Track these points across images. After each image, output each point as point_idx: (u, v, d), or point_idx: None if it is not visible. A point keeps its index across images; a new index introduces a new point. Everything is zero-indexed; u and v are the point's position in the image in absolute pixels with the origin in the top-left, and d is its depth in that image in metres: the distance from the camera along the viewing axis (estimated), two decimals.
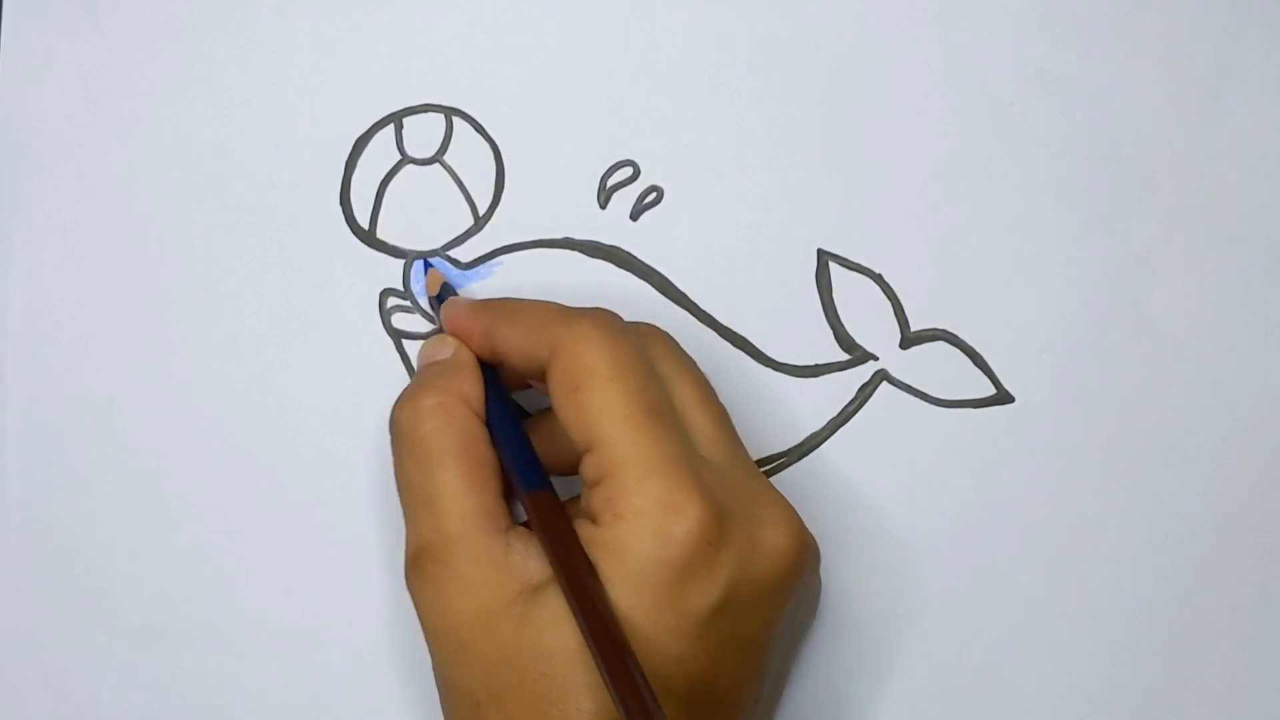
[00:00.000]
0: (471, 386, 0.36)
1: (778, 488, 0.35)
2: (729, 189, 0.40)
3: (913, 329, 0.40)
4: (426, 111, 0.41)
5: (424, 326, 0.40)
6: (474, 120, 0.40)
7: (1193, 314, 0.40)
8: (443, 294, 0.39)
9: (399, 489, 0.35)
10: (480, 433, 0.35)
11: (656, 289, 0.40)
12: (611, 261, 0.40)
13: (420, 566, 0.34)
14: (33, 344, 0.41)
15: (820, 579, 0.37)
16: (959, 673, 0.40)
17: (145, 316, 0.40)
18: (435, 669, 0.35)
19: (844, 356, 0.40)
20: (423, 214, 0.40)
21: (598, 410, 0.33)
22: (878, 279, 0.40)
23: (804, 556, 0.34)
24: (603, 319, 0.34)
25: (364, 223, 0.40)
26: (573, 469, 0.35)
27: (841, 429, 0.40)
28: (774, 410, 0.40)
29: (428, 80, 0.41)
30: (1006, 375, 0.40)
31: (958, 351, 0.40)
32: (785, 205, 0.40)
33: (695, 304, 0.40)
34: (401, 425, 0.35)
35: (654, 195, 0.40)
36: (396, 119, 0.40)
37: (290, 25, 0.41)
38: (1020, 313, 0.40)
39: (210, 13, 0.41)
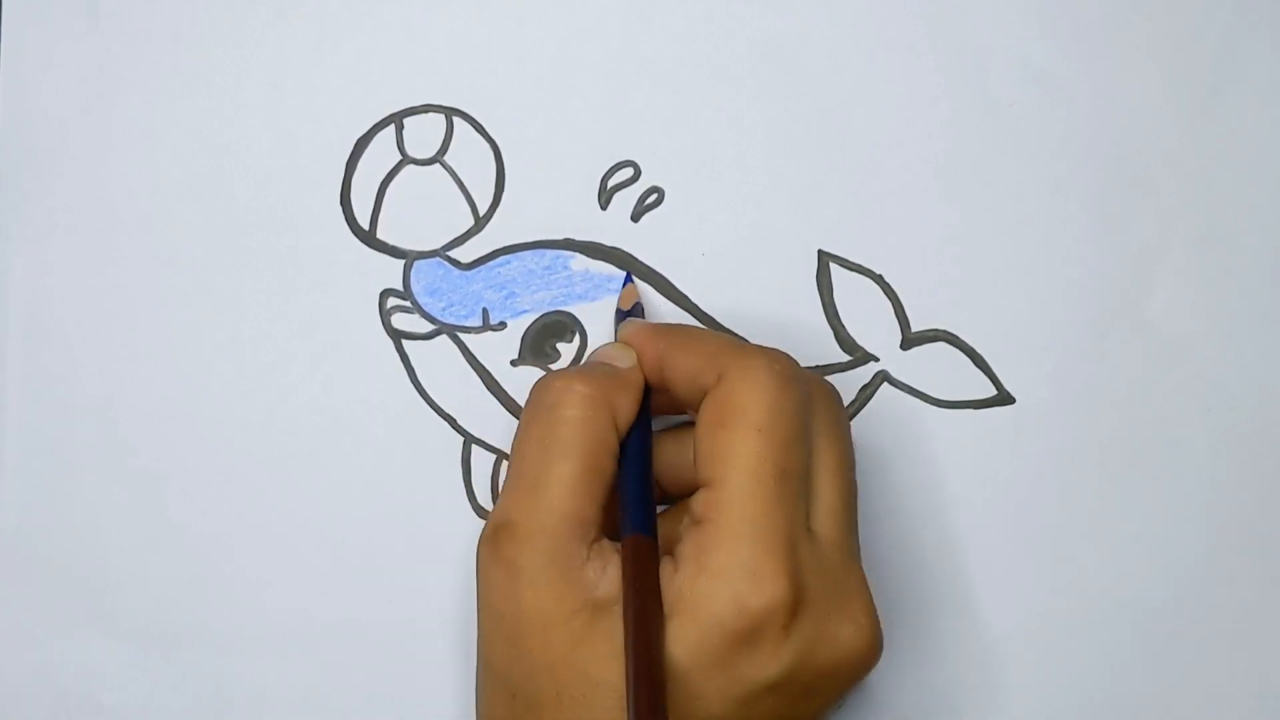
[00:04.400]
0: (628, 404, 0.35)
1: None
2: (730, 189, 0.40)
3: (913, 330, 0.40)
4: (427, 112, 0.40)
5: (424, 327, 0.40)
6: (474, 120, 0.40)
7: (1192, 314, 0.40)
8: (632, 311, 0.39)
9: (514, 452, 0.35)
10: (613, 444, 0.34)
11: (657, 290, 0.40)
12: (612, 262, 0.40)
13: (498, 542, 0.33)
14: (33, 344, 0.40)
15: None
16: (959, 672, 0.40)
17: (145, 316, 0.40)
18: (481, 642, 0.34)
19: (845, 357, 0.40)
20: (423, 214, 0.40)
21: (731, 454, 0.33)
22: (878, 280, 0.40)
23: (870, 660, 0.34)
24: (778, 362, 0.34)
25: (364, 223, 0.40)
26: (683, 493, 0.35)
27: None
28: None
29: (428, 80, 0.40)
30: (1007, 376, 0.40)
31: (958, 352, 0.40)
32: (786, 206, 0.40)
33: (696, 305, 0.40)
34: (549, 396, 0.35)
35: (655, 196, 0.40)
36: (397, 119, 0.40)
37: (291, 25, 0.41)
38: (1021, 313, 0.40)
39: (211, 13, 0.41)
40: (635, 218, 0.40)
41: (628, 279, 0.40)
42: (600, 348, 0.37)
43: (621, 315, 0.39)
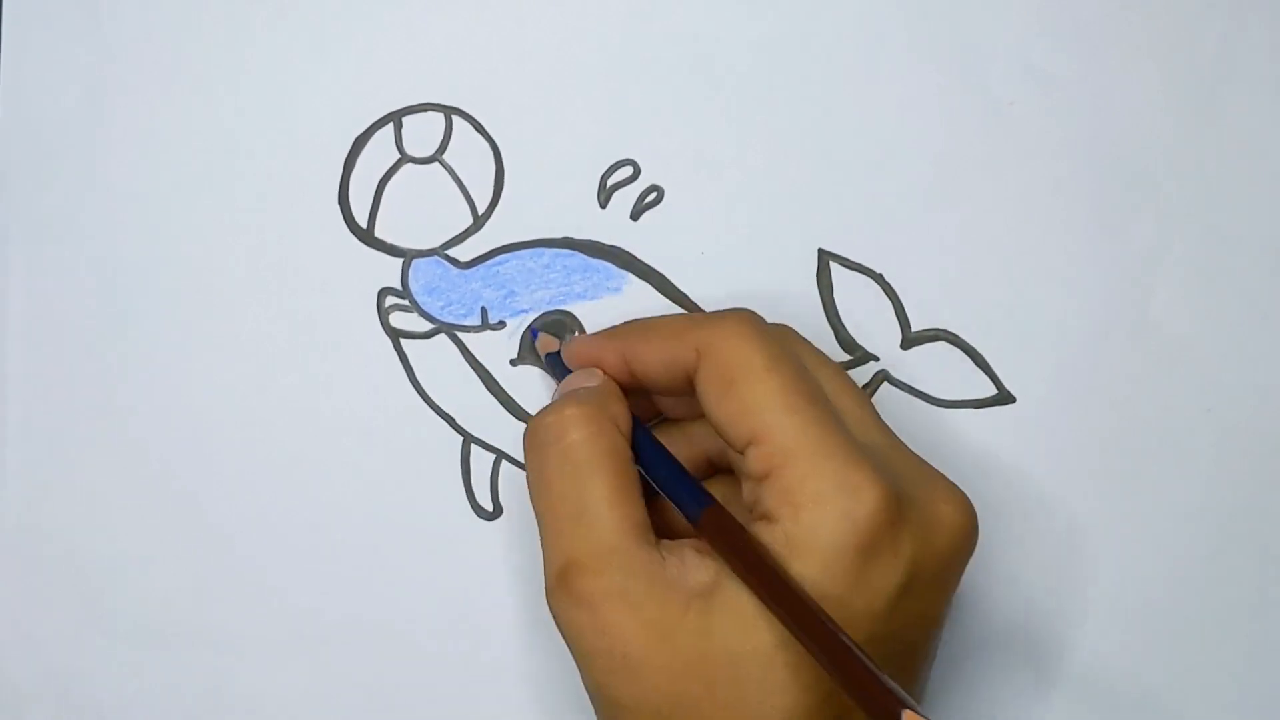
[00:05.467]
0: (621, 410, 0.35)
1: None
2: (729, 188, 0.40)
3: (914, 329, 0.40)
4: (426, 110, 0.41)
5: (422, 325, 0.40)
6: (473, 119, 0.40)
7: (1193, 314, 0.40)
8: (559, 352, 0.38)
9: (538, 499, 0.34)
10: (627, 451, 0.34)
11: (657, 289, 0.40)
12: (612, 261, 0.40)
13: (569, 584, 0.33)
14: (33, 344, 0.41)
15: None
16: (959, 673, 0.40)
17: (145, 316, 0.40)
18: (595, 690, 0.33)
19: (845, 357, 0.40)
20: (422, 213, 0.40)
21: (760, 401, 0.32)
22: (878, 279, 0.40)
23: (975, 531, 0.34)
24: (746, 316, 0.34)
25: (362, 221, 0.40)
26: (713, 472, 0.35)
27: None
28: None
29: (427, 79, 0.41)
30: (1008, 375, 0.40)
31: (959, 352, 0.40)
32: (786, 204, 0.40)
33: (696, 304, 0.40)
34: (547, 432, 0.34)
35: (654, 195, 0.40)
36: (396, 118, 0.40)
37: (290, 25, 0.41)
38: (1021, 313, 0.40)
39: (210, 13, 0.41)
40: (635, 216, 0.40)
41: (535, 334, 0.40)
42: (562, 384, 0.37)
43: (551, 359, 0.39)
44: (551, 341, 0.39)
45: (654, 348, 0.35)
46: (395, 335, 0.40)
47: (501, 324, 0.40)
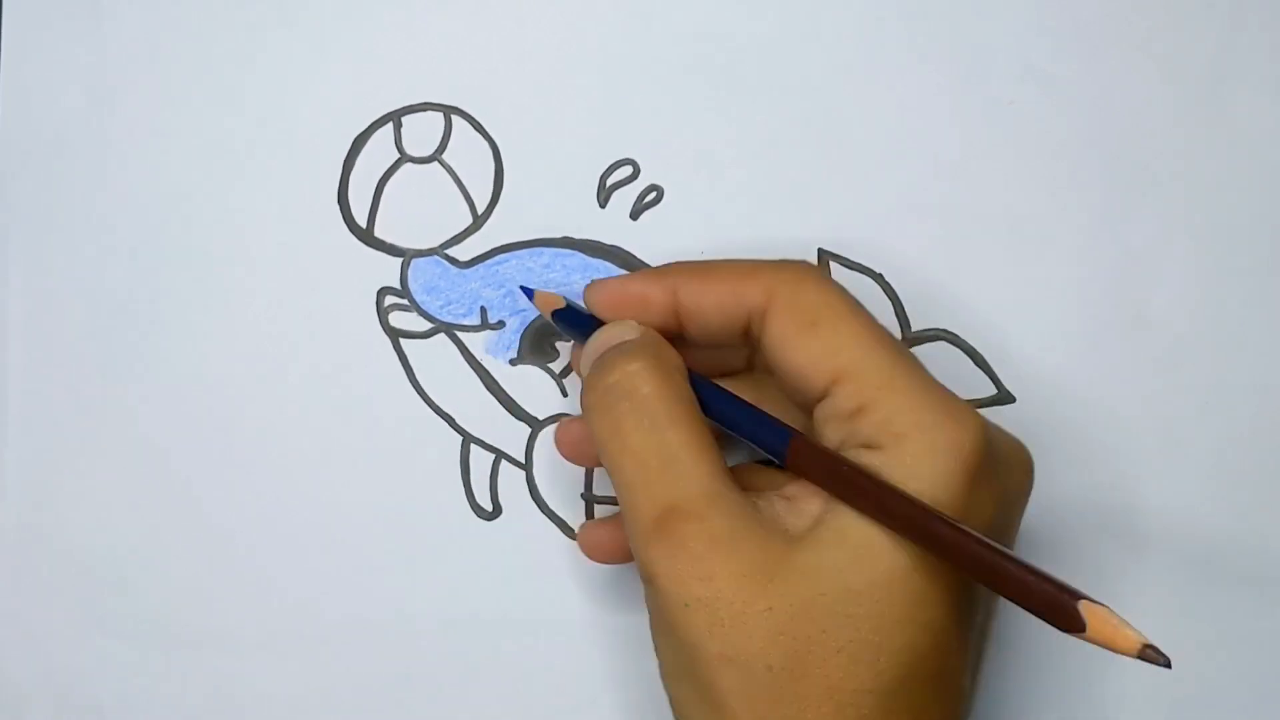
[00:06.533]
0: (675, 356, 0.34)
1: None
2: (729, 188, 0.40)
3: (913, 329, 0.40)
4: (425, 110, 0.40)
5: (421, 325, 0.40)
6: (473, 119, 0.40)
7: (1193, 314, 0.40)
8: (567, 308, 0.37)
9: (617, 455, 0.33)
10: (694, 398, 0.33)
11: None
12: (611, 261, 0.40)
13: (668, 531, 0.31)
14: (33, 345, 0.41)
15: None
16: None
17: (145, 316, 0.40)
18: (694, 647, 0.31)
19: None
20: (421, 212, 0.40)
21: (850, 339, 0.32)
22: (878, 279, 0.40)
23: (1031, 459, 0.34)
24: (810, 264, 0.34)
25: (362, 221, 0.40)
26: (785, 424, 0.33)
27: None
28: (774, 412, 0.40)
29: (427, 79, 0.41)
30: (1007, 375, 0.40)
31: (958, 351, 0.40)
32: (785, 205, 0.40)
33: None
34: (617, 387, 0.33)
35: (654, 194, 0.40)
36: (395, 117, 0.40)
37: (289, 25, 0.41)
38: (1021, 313, 0.40)
39: (210, 13, 0.41)
40: (634, 216, 0.40)
41: (529, 294, 0.38)
42: (596, 338, 0.35)
43: (564, 315, 0.37)
44: (553, 298, 0.38)
45: (715, 289, 0.34)
46: (395, 335, 0.40)
47: (501, 323, 0.40)
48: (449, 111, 0.40)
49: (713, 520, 0.31)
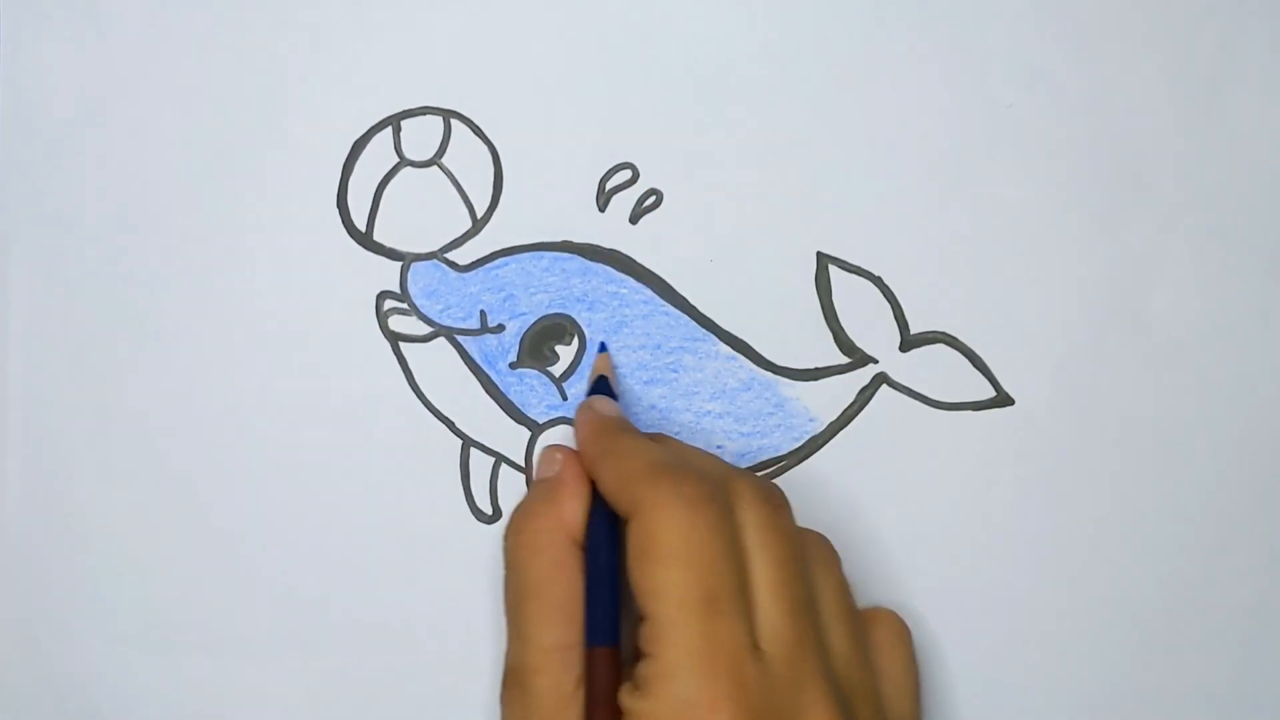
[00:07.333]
0: (572, 510, 0.36)
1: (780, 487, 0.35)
2: (728, 191, 0.40)
3: (912, 331, 0.40)
4: (425, 114, 0.40)
5: (421, 329, 0.40)
6: (472, 123, 0.40)
7: (1192, 315, 0.40)
8: (598, 387, 0.39)
9: (504, 605, 0.36)
10: (573, 562, 0.35)
11: (656, 292, 0.40)
12: (611, 265, 0.40)
13: (507, 686, 0.35)
14: (33, 345, 0.40)
15: None
16: (959, 674, 0.40)
17: (144, 319, 0.40)
18: None
19: (844, 359, 0.40)
20: (420, 216, 0.40)
21: (656, 586, 0.33)
22: (877, 281, 0.40)
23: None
24: (688, 486, 0.33)
25: (361, 225, 0.40)
26: None
27: (842, 432, 0.40)
28: (774, 414, 0.40)
29: (426, 83, 0.40)
30: (1006, 377, 0.40)
31: (957, 354, 0.40)
32: (784, 207, 0.40)
33: (695, 307, 0.40)
34: (506, 552, 0.36)
35: (653, 198, 0.40)
36: (394, 121, 0.40)
37: (288, 28, 0.41)
38: (1020, 315, 0.40)
39: (209, 16, 0.41)
40: (634, 220, 0.40)
41: (602, 347, 0.40)
42: (535, 461, 0.39)
43: (593, 384, 0.39)
44: (605, 363, 0.40)
45: (607, 479, 0.35)
46: (394, 339, 0.40)
47: (501, 327, 0.40)
48: (448, 115, 0.40)
49: (531, 692, 0.34)
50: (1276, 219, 0.40)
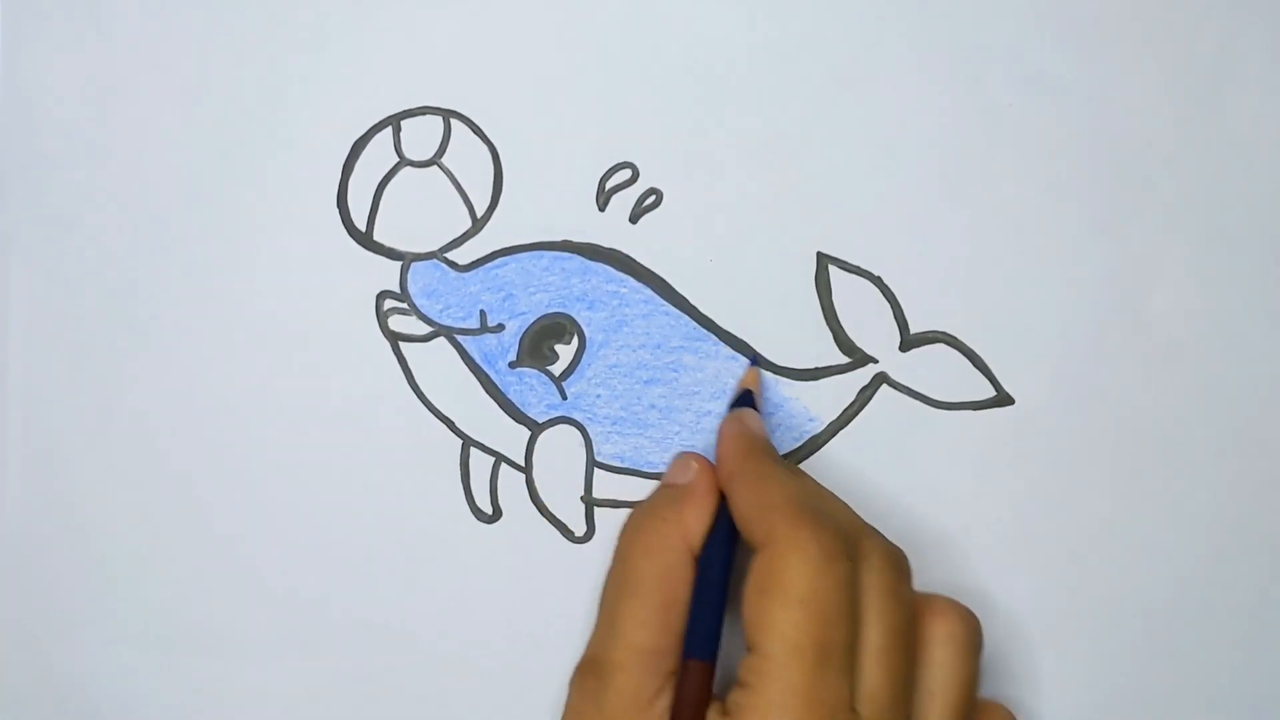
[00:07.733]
0: (696, 520, 0.36)
1: None
2: (728, 191, 0.40)
3: (912, 331, 0.40)
4: (424, 114, 0.40)
5: (421, 329, 0.40)
6: (472, 122, 0.40)
7: (1192, 315, 0.40)
8: (743, 400, 0.39)
9: (602, 593, 0.36)
10: (684, 571, 0.35)
11: (656, 292, 0.40)
12: (611, 264, 0.40)
13: (584, 673, 0.35)
14: (33, 344, 0.41)
15: None
16: None
17: (144, 319, 0.40)
18: None
19: (844, 359, 0.40)
20: (420, 216, 0.40)
21: (772, 623, 0.33)
22: (877, 281, 0.40)
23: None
24: (826, 536, 0.33)
25: (361, 225, 0.40)
26: None
27: (842, 432, 0.40)
28: (774, 413, 0.40)
29: (426, 82, 0.40)
30: (1006, 377, 0.40)
31: (957, 354, 0.40)
32: (784, 207, 0.40)
33: (695, 307, 0.40)
34: (619, 545, 0.36)
35: (653, 198, 0.40)
36: (394, 121, 0.40)
37: (288, 28, 0.41)
38: (1020, 315, 0.40)
39: (209, 16, 0.41)
40: (634, 219, 0.40)
41: (754, 361, 0.40)
42: (669, 467, 0.38)
43: (737, 397, 0.39)
44: (754, 377, 0.40)
45: (743, 504, 0.35)
46: (394, 338, 0.40)
47: (500, 326, 0.40)
48: (448, 115, 0.40)
49: (608, 687, 0.34)
50: (1276, 219, 0.40)
